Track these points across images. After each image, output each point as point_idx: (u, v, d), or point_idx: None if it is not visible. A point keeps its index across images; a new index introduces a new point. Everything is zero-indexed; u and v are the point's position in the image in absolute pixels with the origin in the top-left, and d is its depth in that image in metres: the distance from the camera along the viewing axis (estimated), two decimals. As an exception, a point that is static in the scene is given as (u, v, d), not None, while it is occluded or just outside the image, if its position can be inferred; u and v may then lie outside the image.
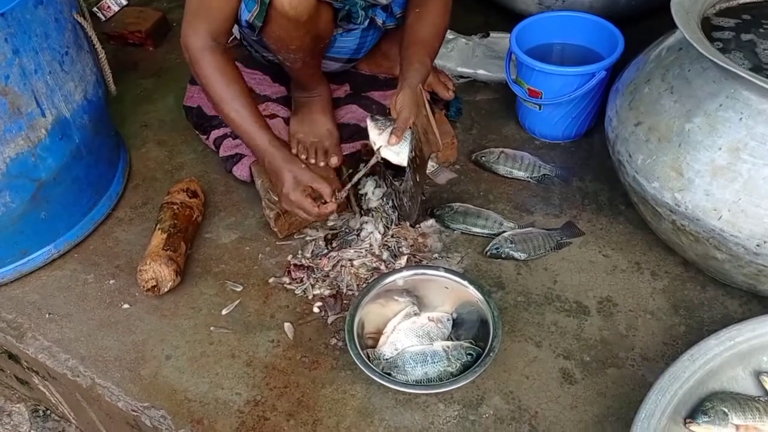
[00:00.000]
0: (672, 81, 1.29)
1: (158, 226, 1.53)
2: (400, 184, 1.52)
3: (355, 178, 1.47)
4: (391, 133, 1.41)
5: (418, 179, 1.42)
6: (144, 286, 1.44)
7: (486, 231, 1.55)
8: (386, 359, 1.29)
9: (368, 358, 1.28)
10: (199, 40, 1.42)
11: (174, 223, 1.52)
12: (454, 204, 1.60)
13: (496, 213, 1.58)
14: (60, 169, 1.51)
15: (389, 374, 1.26)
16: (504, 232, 1.53)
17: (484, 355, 1.24)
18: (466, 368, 1.25)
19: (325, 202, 1.42)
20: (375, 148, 1.47)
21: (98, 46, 1.58)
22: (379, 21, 1.63)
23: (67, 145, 1.51)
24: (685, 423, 1.12)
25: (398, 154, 1.43)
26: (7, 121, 1.37)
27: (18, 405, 1.76)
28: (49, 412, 1.76)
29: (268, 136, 1.46)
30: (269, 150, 1.45)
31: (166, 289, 1.46)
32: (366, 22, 1.59)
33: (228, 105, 1.44)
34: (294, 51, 1.51)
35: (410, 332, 1.31)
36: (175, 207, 1.56)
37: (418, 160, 1.40)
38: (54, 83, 1.43)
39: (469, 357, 1.26)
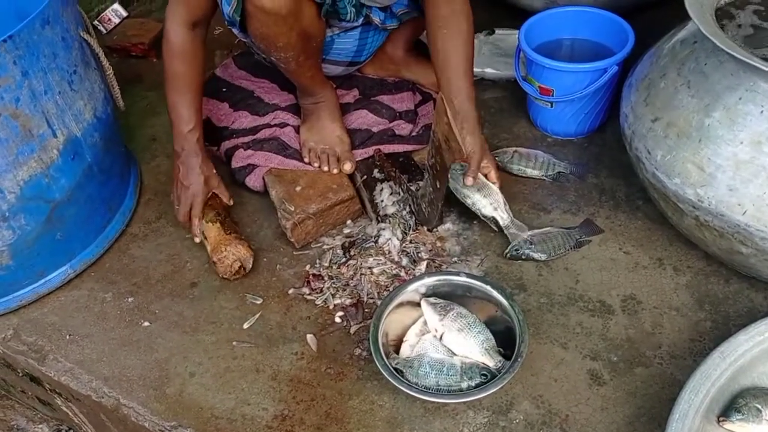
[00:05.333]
0: (688, 75, 1.27)
1: (206, 220, 1.54)
2: (417, 190, 1.51)
3: None
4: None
5: (438, 185, 1.41)
6: (230, 272, 1.49)
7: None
8: (403, 357, 1.29)
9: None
10: (174, 24, 1.49)
11: (217, 212, 1.56)
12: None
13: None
14: (73, 188, 1.50)
15: (401, 372, 1.25)
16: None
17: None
18: (476, 387, 1.23)
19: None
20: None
21: (105, 62, 1.56)
22: (377, 20, 1.60)
23: (79, 164, 1.50)
24: (718, 421, 1.11)
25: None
26: (20, 144, 1.36)
27: (41, 425, 1.75)
28: None
29: (193, 124, 1.55)
30: (189, 140, 1.55)
31: (249, 266, 1.51)
32: (360, 20, 1.57)
33: (174, 86, 1.53)
34: (283, 50, 1.48)
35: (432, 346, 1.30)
36: (207, 201, 1.58)
37: (438, 166, 1.39)
38: (64, 103, 1.42)
39: (482, 378, 1.24)
